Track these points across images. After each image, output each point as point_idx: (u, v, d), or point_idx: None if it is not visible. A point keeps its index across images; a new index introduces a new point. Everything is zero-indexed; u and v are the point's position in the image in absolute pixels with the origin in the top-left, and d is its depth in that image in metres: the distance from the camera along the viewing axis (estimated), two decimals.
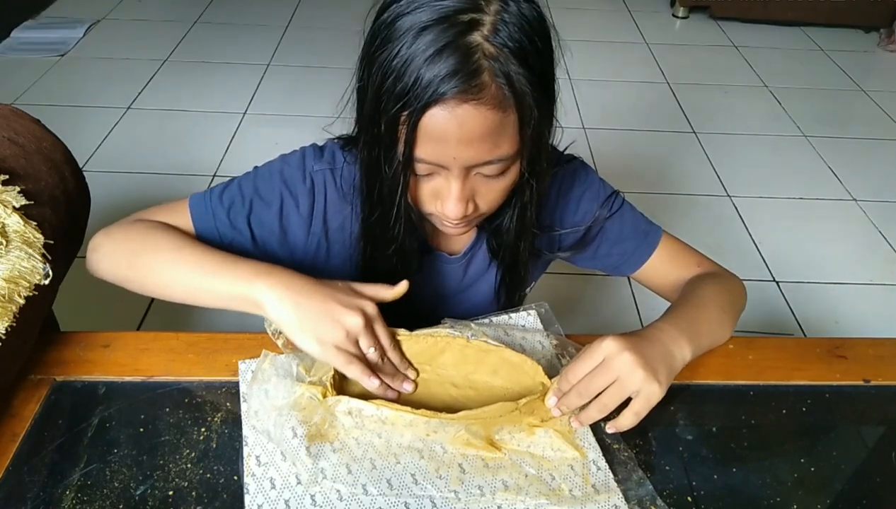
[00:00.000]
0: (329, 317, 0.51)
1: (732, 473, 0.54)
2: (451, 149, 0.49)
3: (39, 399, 0.57)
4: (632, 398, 0.52)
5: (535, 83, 0.49)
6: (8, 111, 0.74)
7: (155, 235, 0.59)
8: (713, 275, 0.67)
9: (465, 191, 0.52)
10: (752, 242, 1.74)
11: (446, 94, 0.46)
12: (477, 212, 0.55)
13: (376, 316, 0.53)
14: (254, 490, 0.49)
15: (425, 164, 0.51)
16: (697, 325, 0.58)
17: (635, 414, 0.51)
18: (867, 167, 2.06)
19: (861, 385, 0.62)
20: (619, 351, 0.51)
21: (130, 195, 1.74)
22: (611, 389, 0.51)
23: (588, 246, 0.68)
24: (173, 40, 2.52)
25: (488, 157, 0.50)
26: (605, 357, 0.51)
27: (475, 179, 0.53)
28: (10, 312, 0.52)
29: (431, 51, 0.46)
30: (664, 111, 2.30)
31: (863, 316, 1.54)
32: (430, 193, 0.54)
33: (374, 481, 0.50)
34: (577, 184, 0.67)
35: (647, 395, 0.51)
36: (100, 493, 0.50)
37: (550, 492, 0.50)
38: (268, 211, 0.62)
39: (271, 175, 0.63)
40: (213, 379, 0.59)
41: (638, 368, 0.50)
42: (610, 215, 0.67)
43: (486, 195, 0.54)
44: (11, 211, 0.58)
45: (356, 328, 0.52)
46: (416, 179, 0.54)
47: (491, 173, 0.52)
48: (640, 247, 0.69)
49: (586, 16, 2.95)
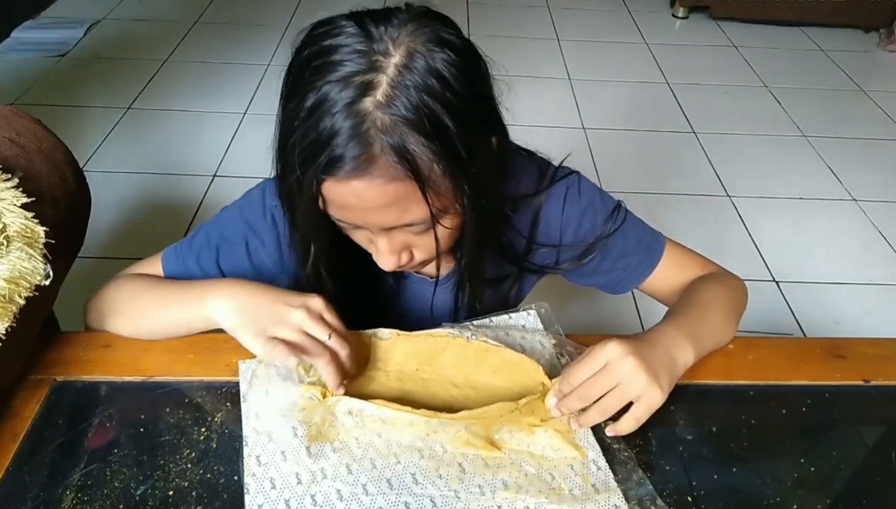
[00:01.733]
0: (270, 313, 0.52)
1: (732, 473, 0.54)
2: (359, 216, 0.48)
3: (40, 399, 0.57)
4: (633, 402, 0.52)
5: (442, 151, 0.45)
6: (8, 111, 0.74)
7: (127, 288, 0.63)
8: (714, 276, 0.67)
9: (393, 244, 0.51)
10: (751, 242, 1.74)
11: (337, 167, 0.44)
12: (414, 260, 0.53)
13: (323, 308, 0.53)
14: (254, 490, 0.49)
15: (344, 224, 0.51)
16: (700, 328, 0.58)
17: (636, 419, 0.51)
18: (867, 167, 2.06)
19: (861, 385, 0.62)
20: (622, 355, 0.50)
21: (130, 195, 1.74)
22: (612, 394, 0.50)
23: (588, 260, 0.66)
24: (173, 40, 2.52)
25: (400, 222, 0.48)
26: (608, 361, 0.50)
27: (404, 234, 0.51)
28: (11, 312, 0.52)
29: (325, 117, 0.44)
30: (664, 111, 2.30)
31: (863, 316, 1.55)
32: (365, 241, 0.53)
33: (374, 480, 0.50)
34: (577, 202, 0.65)
35: (649, 401, 0.50)
36: (100, 493, 0.50)
37: (550, 492, 0.50)
38: (234, 253, 0.63)
39: (234, 216, 0.64)
40: (213, 379, 0.59)
41: (640, 373, 0.50)
42: (613, 232, 0.65)
43: (421, 246, 0.52)
44: (12, 209, 0.58)
45: (299, 321, 0.51)
46: (347, 228, 0.52)
47: (415, 232, 0.50)
48: (644, 259, 0.67)
49: (586, 16, 2.95)
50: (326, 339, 0.51)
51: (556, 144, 0.69)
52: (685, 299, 0.63)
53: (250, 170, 0.63)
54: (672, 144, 2.14)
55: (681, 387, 0.61)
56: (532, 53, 2.62)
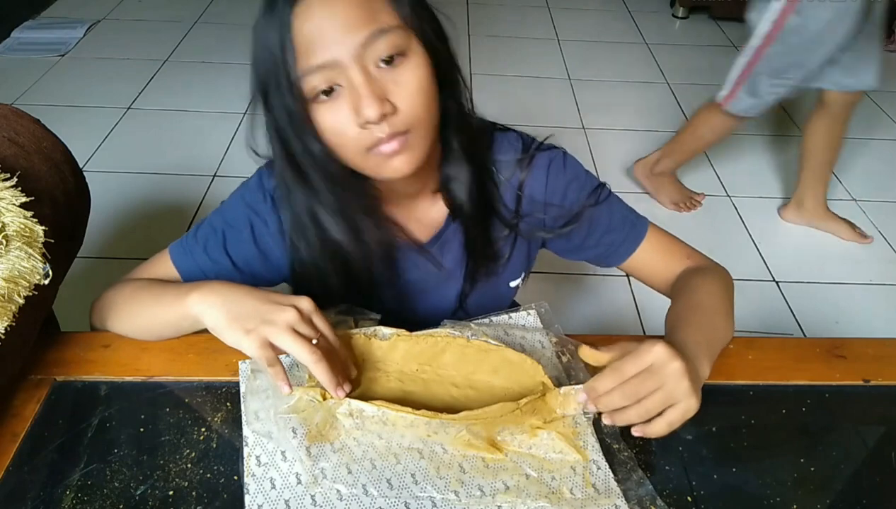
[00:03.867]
0: (258, 313, 0.52)
1: (732, 473, 0.54)
2: (330, 36, 0.49)
3: (40, 399, 0.57)
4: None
5: None
6: (8, 111, 0.74)
7: (125, 290, 0.63)
8: (705, 271, 0.67)
9: (372, 85, 0.50)
10: (751, 242, 1.74)
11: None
12: (397, 113, 0.52)
13: (313, 310, 0.53)
14: (254, 490, 0.49)
15: (320, 72, 0.50)
16: (712, 339, 0.58)
17: (668, 424, 0.49)
18: (867, 167, 2.06)
19: (861, 385, 0.62)
20: (669, 358, 0.49)
21: (130, 195, 1.74)
22: (655, 395, 0.49)
23: (575, 233, 0.68)
24: (173, 40, 2.52)
25: (369, 28, 0.49)
26: (654, 362, 0.49)
27: (381, 76, 0.51)
28: (10, 312, 0.52)
29: None
30: (664, 111, 2.30)
31: (862, 316, 1.55)
32: (348, 115, 0.52)
33: (374, 481, 0.50)
34: (564, 173, 0.67)
35: (685, 409, 0.49)
36: (100, 493, 0.50)
37: (551, 494, 0.50)
38: (240, 237, 0.64)
39: (236, 203, 0.65)
40: (213, 379, 0.59)
41: (685, 379, 0.49)
42: (597, 203, 0.67)
43: (398, 92, 0.52)
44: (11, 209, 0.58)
45: (290, 320, 0.51)
46: (329, 109, 0.52)
47: (387, 52, 0.50)
48: (628, 237, 0.69)
49: (586, 16, 2.95)
50: (314, 341, 0.51)
51: (556, 143, 0.69)
52: (687, 303, 0.62)
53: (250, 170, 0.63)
54: None
55: None
56: (532, 53, 2.62)
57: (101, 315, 0.64)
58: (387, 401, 0.53)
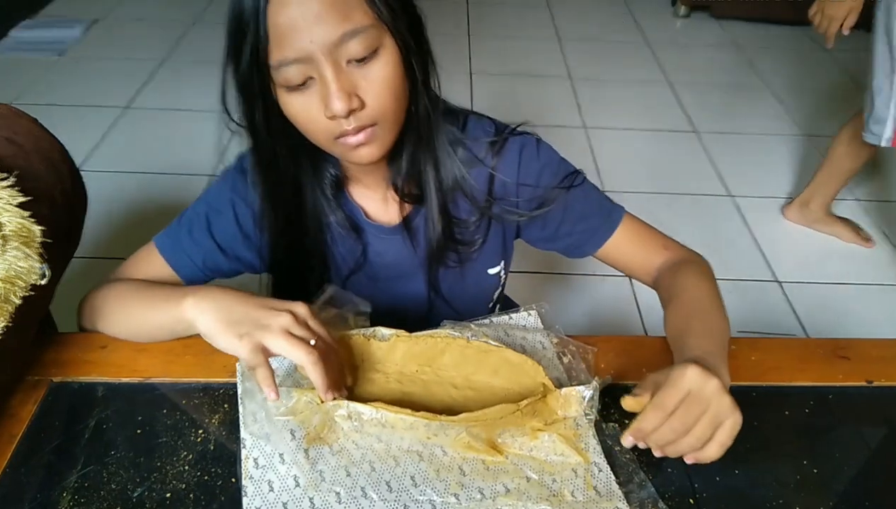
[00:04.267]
0: (251, 318, 0.51)
1: (735, 475, 0.54)
2: (304, 33, 0.49)
3: (37, 400, 0.57)
4: None
5: None
6: (6, 110, 0.73)
7: (115, 291, 0.63)
8: (687, 267, 0.66)
9: (342, 81, 0.51)
10: (753, 242, 1.74)
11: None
12: (365, 108, 0.53)
13: (309, 315, 0.53)
14: (252, 492, 0.49)
15: (293, 65, 0.51)
16: (721, 342, 0.57)
17: (721, 445, 0.48)
18: (869, 166, 2.06)
19: (864, 386, 0.62)
20: (705, 380, 0.48)
21: (128, 195, 1.74)
22: (703, 421, 0.47)
23: (547, 221, 0.68)
24: (172, 40, 2.52)
25: (343, 28, 0.49)
26: (691, 388, 0.48)
27: (352, 72, 0.52)
28: (7, 312, 0.51)
29: None
30: (665, 110, 2.30)
31: (866, 316, 1.54)
32: (317, 106, 0.53)
33: (373, 484, 0.49)
34: (537, 158, 0.66)
35: (734, 424, 0.48)
36: (97, 495, 0.50)
37: (552, 497, 0.49)
38: (223, 218, 0.65)
39: (218, 187, 0.67)
40: (210, 380, 0.59)
41: (725, 397, 0.48)
42: (570, 188, 0.66)
43: (368, 88, 0.53)
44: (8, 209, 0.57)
45: (285, 324, 0.51)
46: (299, 99, 0.53)
47: (358, 53, 0.51)
48: (603, 224, 0.68)
49: (587, 15, 2.95)
50: (311, 343, 0.51)
51: (556, 144, 0.68)
52: (684, 310, 0.61)
53: None
54: (673, 143, 2.14)
55: None
56: (532, 53, 2.61)
57: (91, 316, 0.63)
58: (386, 403, 0.52)
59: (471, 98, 2.26)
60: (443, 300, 0.71)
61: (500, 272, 0.74)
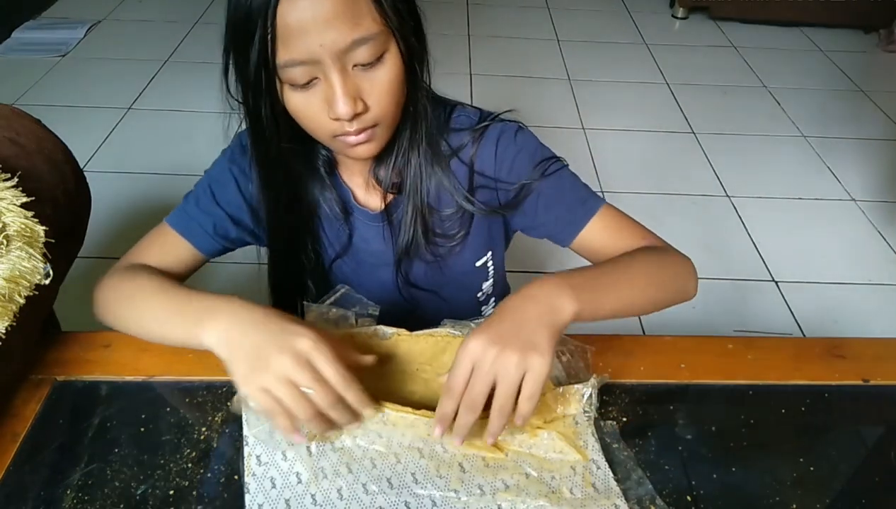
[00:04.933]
0: (257, 354, 0.48)
1: (732, 472, 0.54)
2: (313, 36, 0.49)
3: (40, 399, 0.57)
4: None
5: None
6: (9, 111, 0.74)
7: (123, 286, 0.61)
8: (654, 248, 0.64)
9: (348, 85, 0.52)
10: (751, 242, 1.74)
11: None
12: (368, 112, 0.54)
13: (311, 349, 0.48)
14: (254, 489, 0.49)
15: (299, 66, 0.51)
16: (593, 282, 0.55)
17: (529, 398, 0.48)
18: (866, 167, 2.06)
19: (860, 384, 0.63)
20: (482, 349, 0.48)
21: (131, 195, 1.75)
22: (498, 390, 0.47)
23: (526, 209, 0.66)
24: (174, 40, 2.52)
25: (353, 35, 0.50)
26: (473, 361, 0.48)
27: (356, 74, 0.52)
28: (11, 312, 0.52)
29: None
30: (663, 111, 2.31)
31: (862, 316, 1.55)
32: (320, 106, 0.53)
33: (374, 480, 0.50)
34: (513, 145, 0.66)
35: (534, 375, 0.47)
36: (100, 493, 0.50)
37: (551, 493, 0.50)
38: (227, 190, 0.67)
39: (220, 162, 0.69)
40: (213, 378, 0.59)
41: (510, 356, 0.47)
42: (544, 176, 0.65)
43: (372, 92, 0.53)
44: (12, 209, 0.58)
45: (285, 370, 0.48)
46: (302, 96, 0.53)
47: (366, 59, 0.52)
48: (576, 213, 0.66)
49: (586, 16, 2.95)
50: (311, 392, 0.48)
51: (554, 145, 0.69)
52: (610, 261, 0.61)
53: None
54: (671, 144, 2.14)
55: (681, 387, 0.61)
56: (532, 53, 2.62)
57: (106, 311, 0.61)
58: (387, 402, 0.53)
59: (471, 98, 2.26)
60: (423, 291, 0.71)
61: (488, 263, 0.74)
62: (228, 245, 0.69)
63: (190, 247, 0.66)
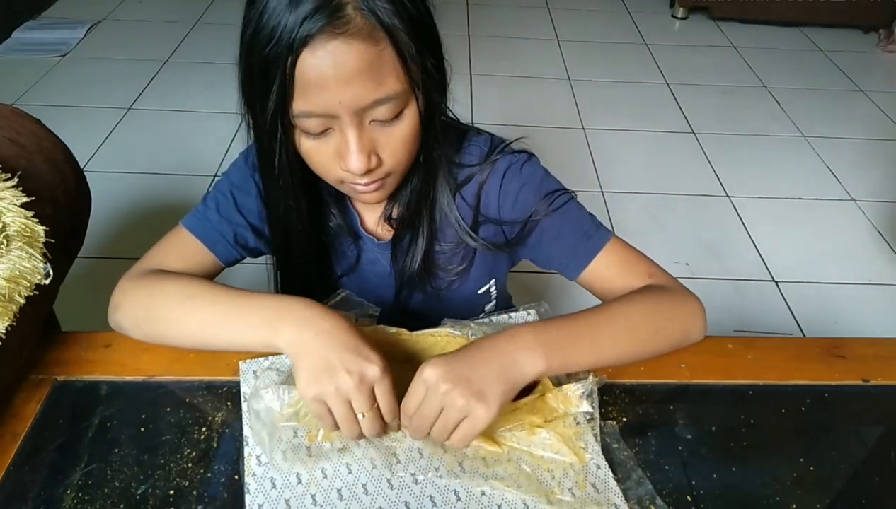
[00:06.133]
0: (326, 367, 0.49)
1: (732, 472, 0.54)
2: (333, 92, 0.48)
3: (40, 399, 0.57)
4: None
5: (406, 17, 0.48)
6: (9, 111, 0.74)
7: (166, 288, 0.59)
8: (655, 289, 0.61)
9: (363, 141, 0.51)
10: (751, 242, 1.74)
11: (312, 32, 0.46)
12: (381, 166, 0.54)
13: (378, 378, 0.49)
14: (254, 489, 0.49)
15: (315, 118, 0.50)
16: (571, 340, 0.54)
17: (460, 440, 0.49)
18: (866, 167, 2.06)
19: (860, 384, 0.63)
20: (435, 381, 0.48)
21: (131, 195, 1.75)
22: (439, 419, 0.49)
23: (532, 242, 0.65)
24: (174, 41, 2.52)
25: (374, 96, 0.49)
26: (426, 387, 0.49)
27: (372, 129, 0.51)
28: (11, 312, 0.52)
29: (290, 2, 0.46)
30: (663, 111, 2.31)
31: (862, 316, 1.55)
32: (332, 154, 0.53)
33: (374, 480, 0.50)
34: (517, 178, 0.64)
35: (472, 420, 0.48)
36: (101, 493, 0.50)
37: (550, 493, 0.50)
38: (248, 196, 0.65)
39: (239, 165, 0.67)
40: (214, 378, 0.59)
41: (457, 398, 0.47)
42: (549, 211, 0.63)
43: (387, 146, 0.53)
44: (12, 209, 0.58)
45: (347, 390, 0.48)
46: (315, 142, 0.53)
47: (385, 117, 0.50)
48: (581, 248, 0.64)
49: (586, 16, 2.95)
50: (362, 417, 0.49)
51: (556, 144, 0.69)
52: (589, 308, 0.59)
53: None
54: (671, 144, 2.14)
55: (680, 387, 0.61)
56: (532, 53, 2.62)
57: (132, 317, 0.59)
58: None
59: (470, 98, 2.26)
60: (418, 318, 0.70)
61: (491, 289, 0.74)
62: (246, 254, 0.68)
63: (210, 256, 0.65)
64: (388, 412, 0.50)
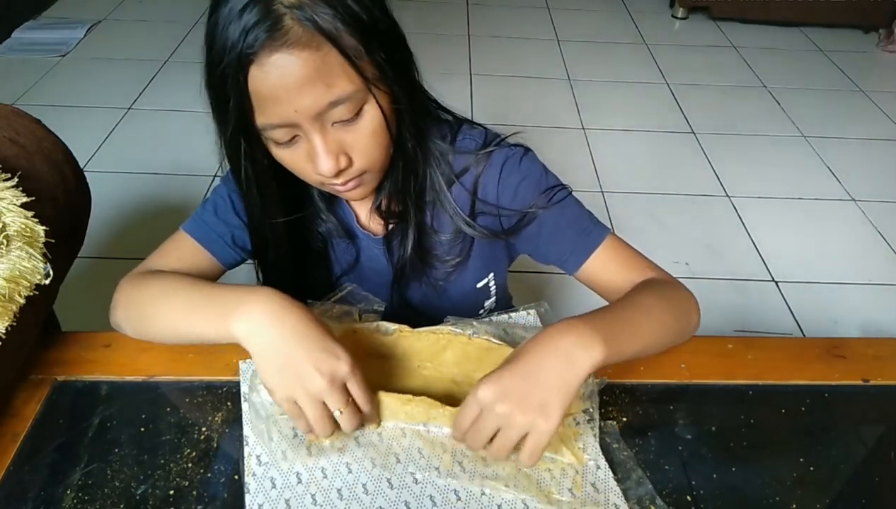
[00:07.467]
0: (295, 368, 0.48)
1: (732, 472, 0.54)
2: (286, 103, 0.49)
3: (40, 399, 0.57)
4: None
5: (350, 19, 0.48)
6: (9, 111, 0.74)
7: (151, 286, 0.60)
8: (660, 283, 0.62)
9: (329, 144, 0.52)
10: (751, 242, 1.74)
11: (254, 48, 0.47)
12: (353, 165, 0.54)
13: (349, 374, 0.49)
14: (254, 489, 0.49)
15: (279, 129, 0.51)
16: (618, 324, 0.53)
17: (529, 456, 0.48)
18: (866, 167, 2.06)
19: (860, 384, 0.63)
20: (491, 401, 0.47)
21: (131, 195, 1.75)
22: (498, 438, 0.48)
23: (530, 236, 0.66)
24: (174, 40, 2.52)
25: (327, 99, 0.49)
26: (481, 407, 0.48)
27: (336, 130, 0.52)
28: (11, 312, 0.52)
29: (235, 12, 0.47)
30: (663, 111, 2.31)
31: (862, 316, 1.55)
32: (304, 159, 0.54)
33: (374, 480, 0.50)
34: (517, 171, 0.65)
35: (536, 437, 0.47)
36: (101, 493, 0.50)
37: (550, 493, 0.50)
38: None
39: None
40: (213, 378, 0.59)
41: (517, 416, 0.47)
42: (549, 205, 0.64)
43: (355, 145, 0.53)
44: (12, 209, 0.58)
45: (319, 391, 0.48)
46: (287, 151, 0.54)
47: (345, 117, 0.51)
48: (579, 242, 0.65)
49: (586, 16, 2.95)
50: (338, 414, 0.49)
51: (556, 144, 0.69)
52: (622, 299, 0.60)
53: None
54: (671, 144, 2.14)
55: (680, 387, 0.61)
56: (532, 53, 2.62)
57: (127, 317, 0.60)
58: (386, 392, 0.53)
59: (470, 98, 2.26)
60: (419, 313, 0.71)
61: (490, 283, 0.74)
62: (246, 256, 0.68)
63: (210, 257, 0.65)
64: (363, 404, 0.50)
